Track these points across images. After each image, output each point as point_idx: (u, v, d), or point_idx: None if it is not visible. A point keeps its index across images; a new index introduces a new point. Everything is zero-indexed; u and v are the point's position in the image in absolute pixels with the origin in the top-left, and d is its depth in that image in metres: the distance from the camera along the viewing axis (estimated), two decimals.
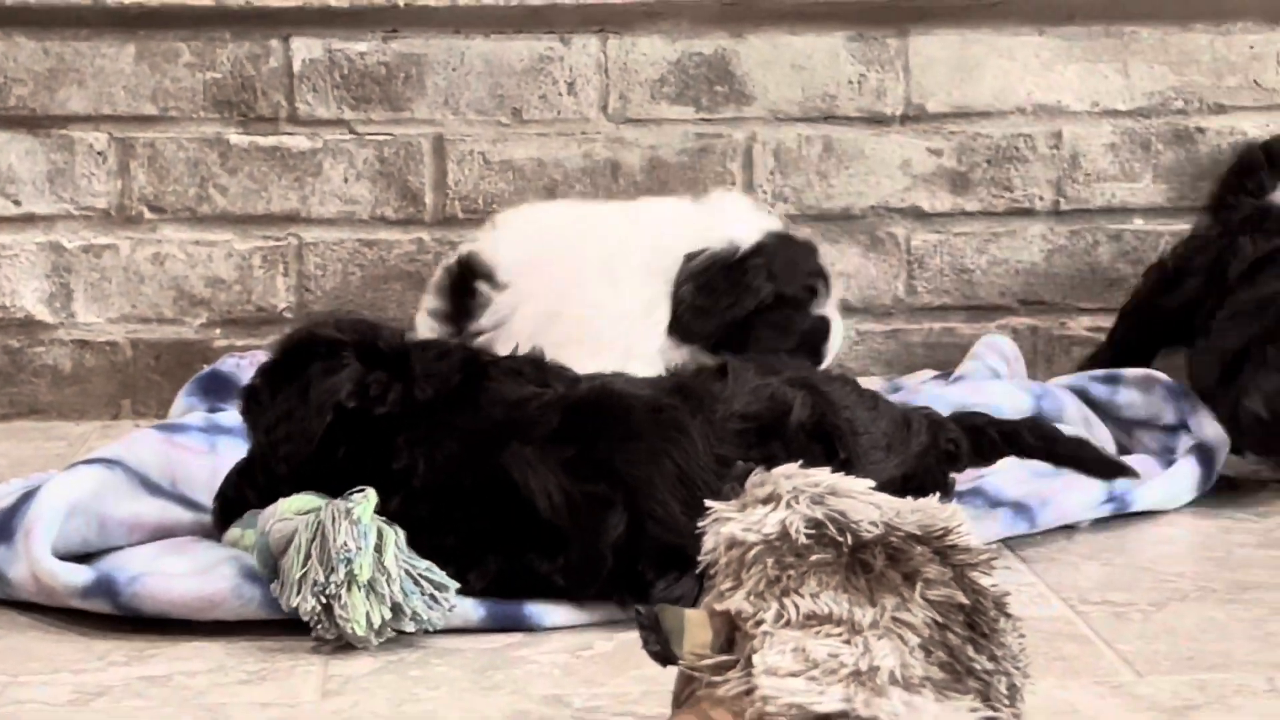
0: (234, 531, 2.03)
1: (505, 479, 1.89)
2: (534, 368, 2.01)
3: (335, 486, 1.90)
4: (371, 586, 1.82)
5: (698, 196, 2.81)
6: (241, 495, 2.04)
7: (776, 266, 2.67)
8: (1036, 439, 2.23)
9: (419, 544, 1.88)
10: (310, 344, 1.98)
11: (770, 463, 1.73)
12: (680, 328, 2.64)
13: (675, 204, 2.77)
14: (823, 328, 2.71)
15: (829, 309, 2.73)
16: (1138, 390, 2.59)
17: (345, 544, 1.81)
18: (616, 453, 1.90)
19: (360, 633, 1.80)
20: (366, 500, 1.85)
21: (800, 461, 1.47)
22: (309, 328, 2.03)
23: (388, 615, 1.81)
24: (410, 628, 1.83)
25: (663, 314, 2.64)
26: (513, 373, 1.99)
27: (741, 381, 2.00)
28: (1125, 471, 2.24)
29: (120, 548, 2.05)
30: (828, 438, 1.97)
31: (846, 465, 1.91)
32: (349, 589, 1.81)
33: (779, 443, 1.93)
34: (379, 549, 1.83)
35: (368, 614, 1.81)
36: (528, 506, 1.88)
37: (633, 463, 1.89)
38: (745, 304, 2.64)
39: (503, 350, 2.14)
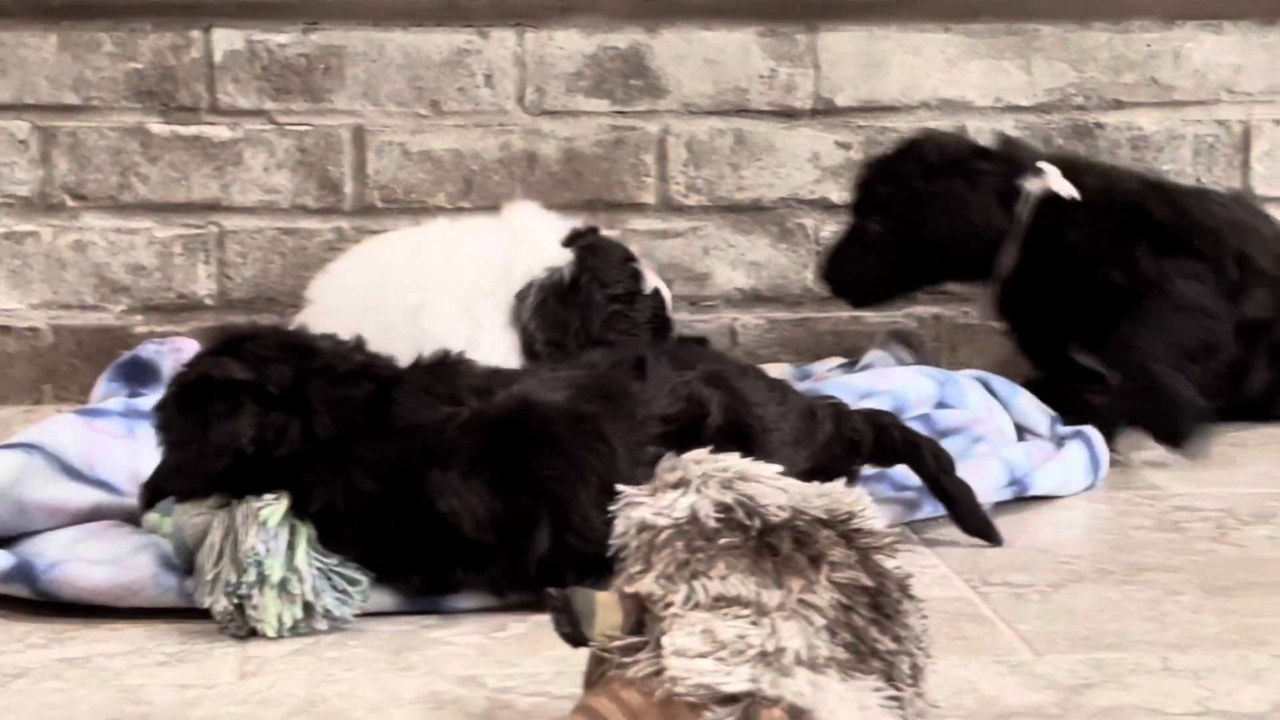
0: (153, 516, 2.01)
1: (427, 505, 1.84)
2: (442, 381, 1.93)
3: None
4: (283, 586, 1.80)
5: (498, 210, 2.75)
6: (165, 490, 2.01)
7: (602, 272, 2.66)
8: (935, 462, 2.15)
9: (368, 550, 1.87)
10: (206, 382, 1.89)
11: None
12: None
13: (477, 232, 2.70)
14: (659, 302, 2.72)
15: (650, 278, 2.73)
16: (1031, 404, 2.61)
17: (254, 546, 1.79)
18: (540, 469, 1.85)
19: (271, 633, 1.79)
20: (277, 503, 1.83)
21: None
22: (211, 351, 1.94)
23: (299, 614, 1.80)
24: (323, 625, 1.82)
25: (504, 348, 2.62)
26: (420, 391, 1.91)
27: (658, 379, 1.96)
28: (990, 536, 2.15)
29: (40, 531, 2.02)
30: (742, 437, 1.96)
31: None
32: (260, 589, 1.79)
33: (698, 445, 1.90)
34: (291, 546, 1.81)
35: (279, 614, 1.80)
36: (452, 528, 1.84)
37: (557, 478, 1.85)
38: (593, 321, 2.63)
39: None
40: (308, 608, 1.81)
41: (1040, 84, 3.10)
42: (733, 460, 1.44)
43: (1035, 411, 2.61)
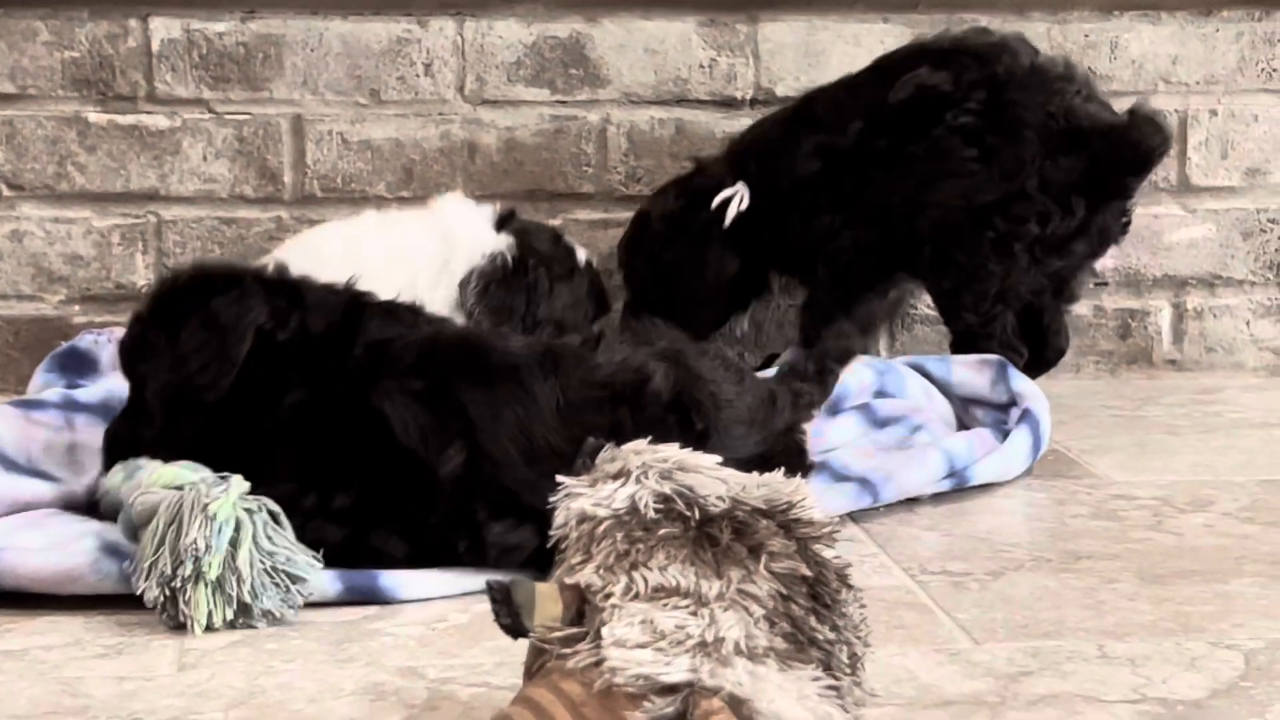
0: (116, 474, 2.00)
1: (373, 410, 1.93)
2: (409, 311, 2.06)
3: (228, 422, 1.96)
4: (219, 584, 1.79)
5: (425, 200, 2.82)
6: (134, 436, 2.03)
7: (541, 253, 2.69)
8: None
9: (293, 463, 1.92)
10: (205, 279, 2.01)
11: (618, 429, 1.78)
12: None
13: (409, 223, 2.73)
14: (595, 276, 2.78)
15: (581, 253, 2.78)
16: (969, 369, 2.63)
17: (195, 541, 1.78)
18: (465, 393, 1.93)
19: (199, 631, 1.78)
20: (228, 492, 1.82)
21: (650, 436, 1.47)
22: (195, 268, 2.06)
23: (230, 615, 1.79)
24: (261, 624, 1.81)
25: None
26: (388, 314, 2.04)
27: (609, 352, 2.01)
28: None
29: None
30: (685, 410, 1.97)
31: (704, 437, 1.93)
32: (195, 584, 1.79)
33: (628, 409, 1.93)
34: (235, 543, 1.80)
35: (210, 611, 1.79)
36: (389, 434, 1.92)
37: (477, 403, 1.93)
38: (538, 302, 2.65)
39: None
40: (244, 608, 1.80)
41: None
42: (672, 451, 1.44)
43: (973, 377, 2.61)
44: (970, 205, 2.72)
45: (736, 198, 2.84)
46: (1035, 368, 2.82)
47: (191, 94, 2.99)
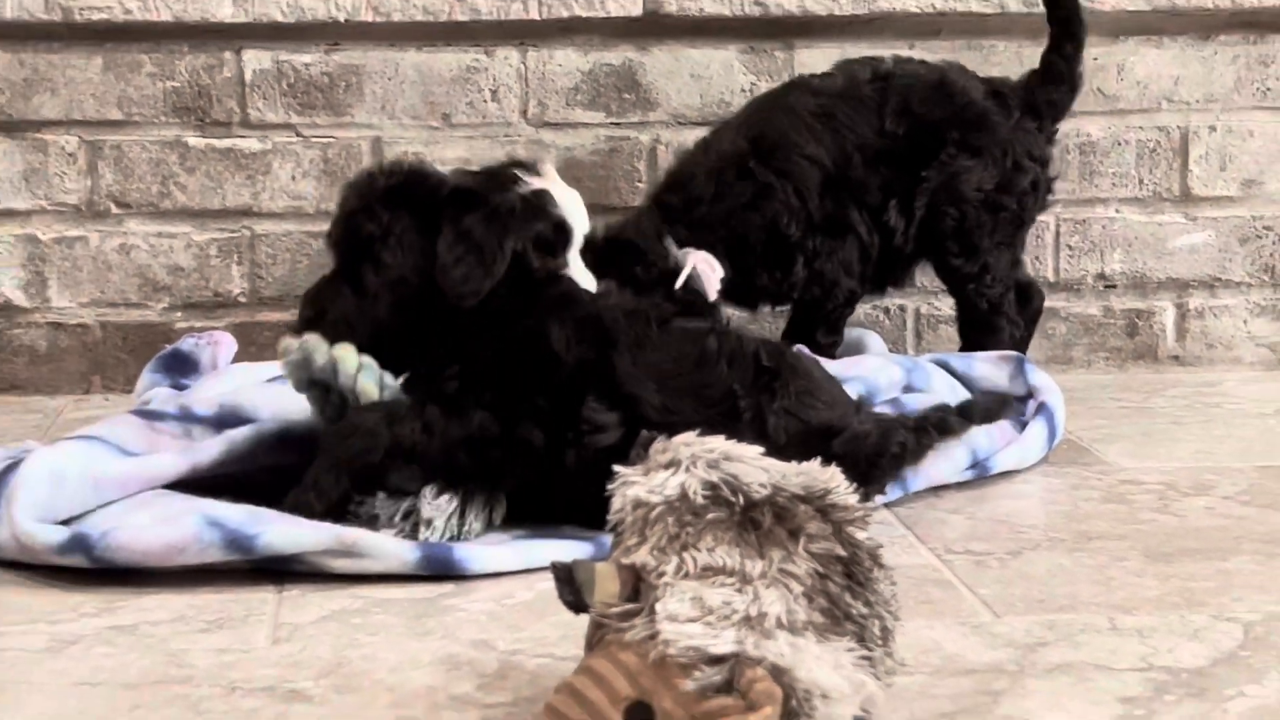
0: (314, 342, 2.06)
1: (543, 327, 2.02)
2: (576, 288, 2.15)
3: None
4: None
5: None
6: (345, 309, 2.07)
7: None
8: (959, 415, 2.24)
9: (465, 367, 2.01)
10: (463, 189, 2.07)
11: (704, 355, 2.01)
12: None
13: None
14: (560, 221, 2.45)
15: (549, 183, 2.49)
16: (990, 365, 2.63)
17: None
18: (605, 314, 2.04)
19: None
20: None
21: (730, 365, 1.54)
22: (450, 180, 2.10)
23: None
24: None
25: None
26: (570, 285, 2.14)
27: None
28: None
29: (98, 508, 2.01)
30: (759, 355, 2.04)
31: (774, 374, 2.02)
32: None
33: (715, 338, 2.05)
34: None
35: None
36: (546, 343, 2.01)
37: (615, 323, 2.03)
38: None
39: None
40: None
41: None
42: (718, 442, 1.45)
43: (994, 372, 2.61)
44: (983, 193, 2.78)
45: (706, 266, 2.64)
46: (1032, 323, 2.95)
47: (281, 119, 3.00)
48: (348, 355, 2.03)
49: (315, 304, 2.09)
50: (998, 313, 2.82)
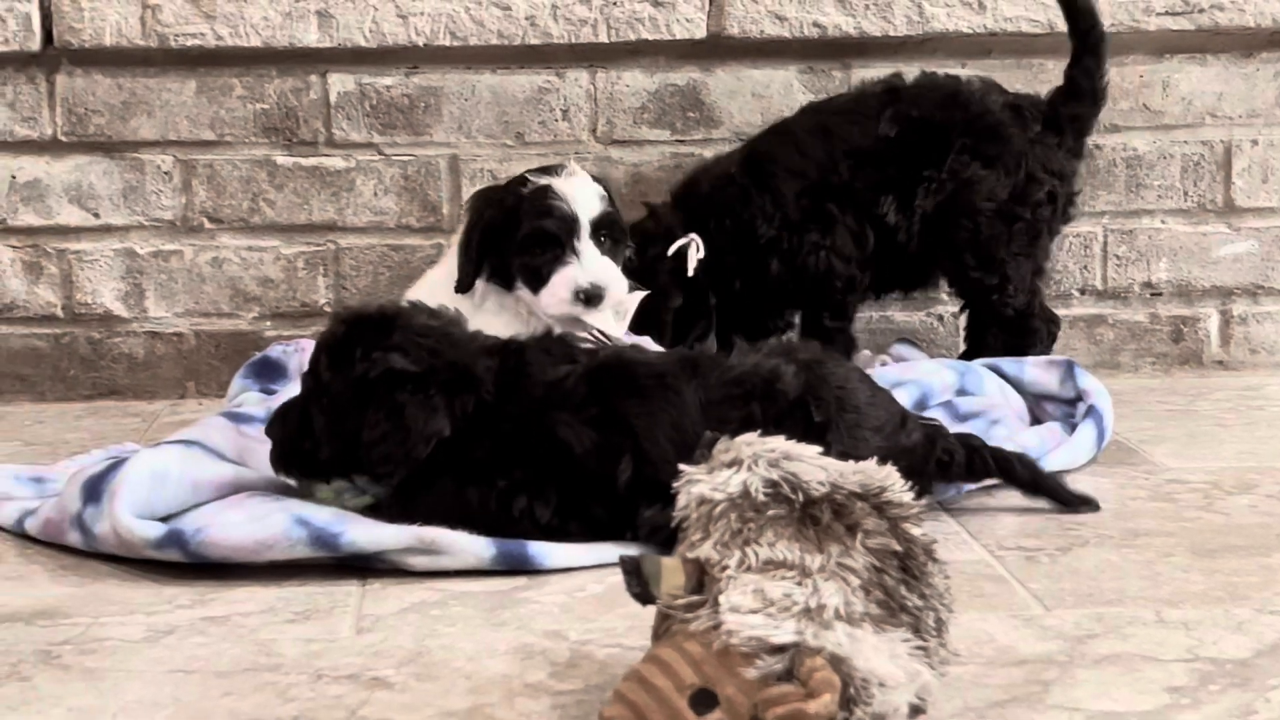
0: (325, 491, 2.08)
1: (554, 437, 1.95)
2: (558, 344, 2.05)
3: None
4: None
5: None
6: (308, 447, 2.03)
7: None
8: (1027, 471, 2.14)
9: (499, 484, 1.95)
10: (392, 374, 1.96)
11: (749, 421, 1.80)
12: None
13: None
14: (561, 212, 2.52)
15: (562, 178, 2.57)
16: (1040, 369, 2.61)
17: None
18: (625, 407, 1.95)
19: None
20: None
21: (778, 428, 1.47)
22: (387, 360, 1.96)
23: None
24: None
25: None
26: (544, 352, 2.03)
27: (742, 355, 2.03)
28: (1088, 503, 2.14)
29: (193, 507, 2.03)
30: (808, 405, 1.97)
31: (825, 429, 1.93)
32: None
33: (759, 404, 1.94)
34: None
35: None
36: (571, 455, 1.94)
37: (637, 414, 1.94)
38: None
39: None
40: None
41: None
42: (779, 441, 1.44)
43: (1045, 375, 2.59)
44: (995, 204, 2.77)
45: (693, 246, 2.76)
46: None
47: (364, 139, 3.02)
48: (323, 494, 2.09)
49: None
50: (1027, 316, 2.81)
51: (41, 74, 2.97)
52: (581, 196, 2.53)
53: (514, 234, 2.51)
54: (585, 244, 2.50)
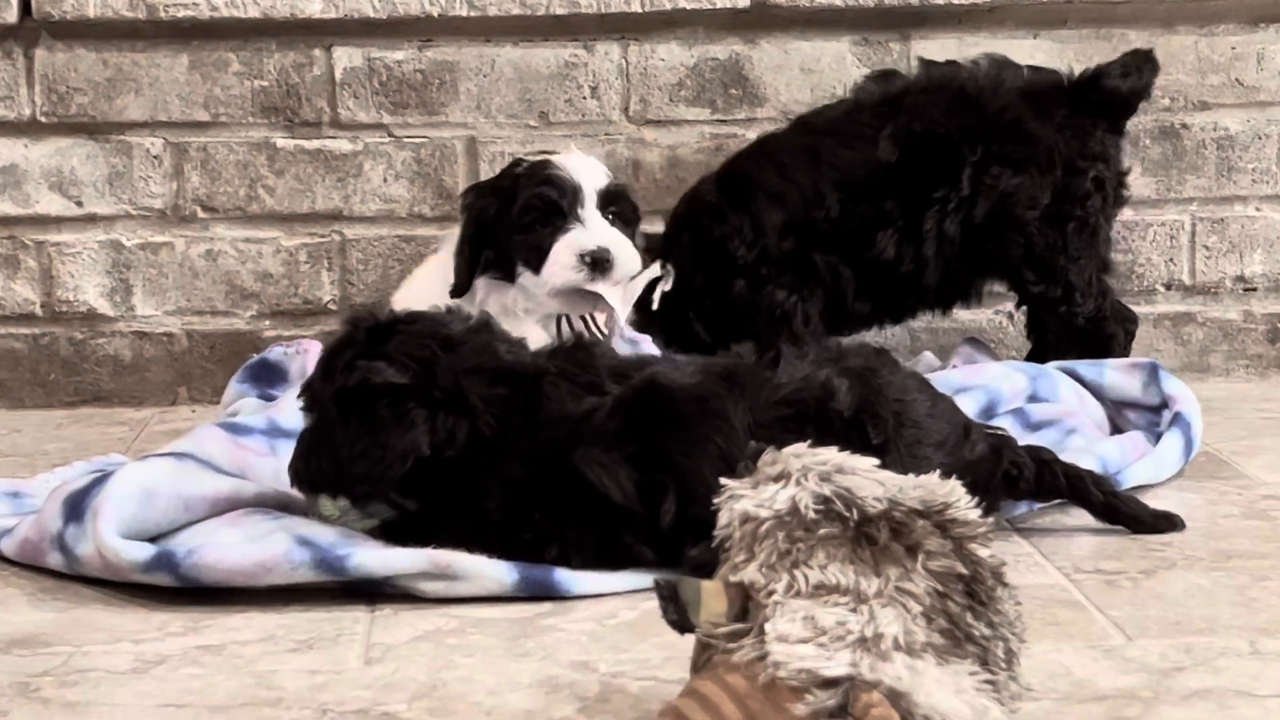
0: (327, 505, 2.07)
1: (581, 478, 1.92)
2: (583, 370, 2.00)
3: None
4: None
5: None
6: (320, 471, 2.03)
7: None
8: (1100, 491, 2.11)
9: (520, 531, 1.94)
10: (368, 387, 1.96)
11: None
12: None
13: None
14: (561, 179, 2.60)
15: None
16: (1121, 373, 2.60)
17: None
18: (665, 442, 1.92)
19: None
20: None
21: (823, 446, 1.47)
22: (368, 369, 1.96)
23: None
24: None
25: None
26: (564, 379, 1.99)
27: (790, 368, 1.99)
28: (1172, 523, 2.13)
29: (184, 526, 2.03)
30: (873, 426, 1.95)
31: (883, 450, 1.90)
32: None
33: (813, 427, 1.89)
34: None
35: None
36: (603, 499, 1.92)
37: (682, 452, 1.92)
38: None
39: None
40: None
41: None
42: (831, 454, 1.44)
43: (1126, 380, 2.59)
44: (1039, 210, 2.75)
45: (661, 280, 2.69)
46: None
47: (372, 119, 3.03)
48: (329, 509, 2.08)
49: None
50: (1100, 321, 2.79)
51: (19, 48, 2.99)
52: (584, 167, 2.59)
53: (510, 212, 2.53)
54: (591, 212, 2.52)
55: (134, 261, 3.04)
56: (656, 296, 2.70)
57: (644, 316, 2.71)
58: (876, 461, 1.44)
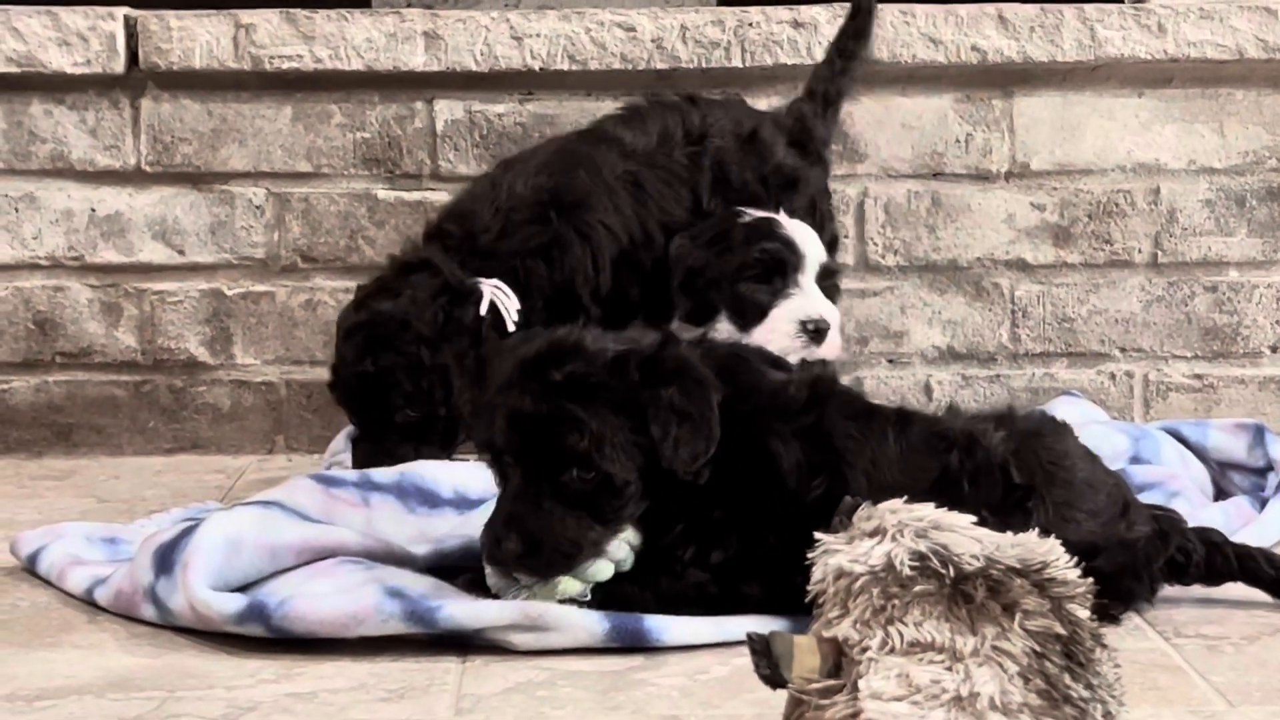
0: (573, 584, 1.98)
1: (765, 450, 1.95)
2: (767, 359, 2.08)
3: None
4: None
5: None
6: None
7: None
8: (1272, 569, 2.05)
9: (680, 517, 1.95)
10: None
11: (946, 473, 1.88)
12: None
13: None
14: (788, 239, 2.65)
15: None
16: (1226, 434, 2.57)
17: None
18: (837, 425, 1.97)
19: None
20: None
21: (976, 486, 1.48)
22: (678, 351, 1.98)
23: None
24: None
25: None
26: (768, 362, 2.06)
27: (955, 418, 2.04)
28: None
29: (275, 575, 2.04)
30: (1008, 470, 1.95)
31: (1026, 497, 1.92)
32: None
33: (959, 455, 1.94)
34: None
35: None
36: (774, 471, 1.94)
37: (844, 436, 1.96)
38: None
39: None
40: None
41: (1234, 147, 3.05)
42: (928, 510, 1.43)
43: (1230, 442, 2.55)
44: None
45: (502, 297, 2.61)
46: None
47: (472, 171, 3.04)
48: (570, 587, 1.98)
49: (524, 534, 1.92)
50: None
51: (125, 98, 3.04)
52: (807, 234, 2.60)
53: (724, 262, 2.52)
54: (810, 281, 2.51)
55: (234, 310, 3.07)
56: (511, 318, 2.61)
57: None
58: (973, 519, 1.43)
